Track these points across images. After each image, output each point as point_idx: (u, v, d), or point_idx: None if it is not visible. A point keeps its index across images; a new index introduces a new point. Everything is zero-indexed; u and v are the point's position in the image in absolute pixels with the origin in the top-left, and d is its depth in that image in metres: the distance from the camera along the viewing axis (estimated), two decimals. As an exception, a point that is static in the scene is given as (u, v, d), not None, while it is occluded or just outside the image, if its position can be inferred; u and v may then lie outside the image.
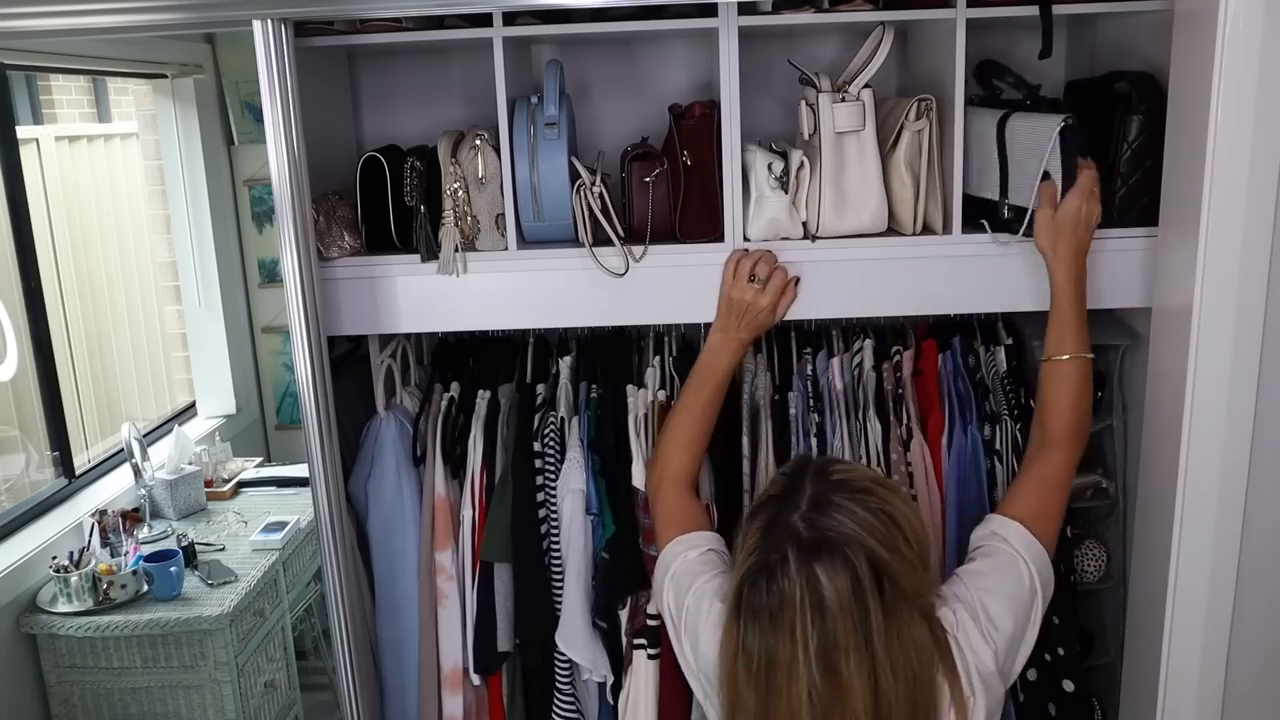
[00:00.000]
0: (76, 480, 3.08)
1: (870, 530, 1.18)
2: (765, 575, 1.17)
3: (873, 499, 1.21)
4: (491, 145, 1.71)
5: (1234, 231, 1.46)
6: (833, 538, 1.17)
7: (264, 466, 3.44)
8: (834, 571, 1.15)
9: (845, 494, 1.21)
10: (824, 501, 1.20)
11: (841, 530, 1.17)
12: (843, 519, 1.18)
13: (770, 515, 1.22)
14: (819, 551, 1.16)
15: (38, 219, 3.12)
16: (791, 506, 1.21)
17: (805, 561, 1.16)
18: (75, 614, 2.53)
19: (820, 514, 1.19)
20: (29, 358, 3.01)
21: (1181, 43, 1.52)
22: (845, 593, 1.15)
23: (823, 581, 1.15)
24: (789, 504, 1.21)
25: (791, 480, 1.25)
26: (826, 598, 1.15)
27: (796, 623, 1.15)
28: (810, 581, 1.15)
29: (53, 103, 4.79)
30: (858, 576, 1.15)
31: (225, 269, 3.75)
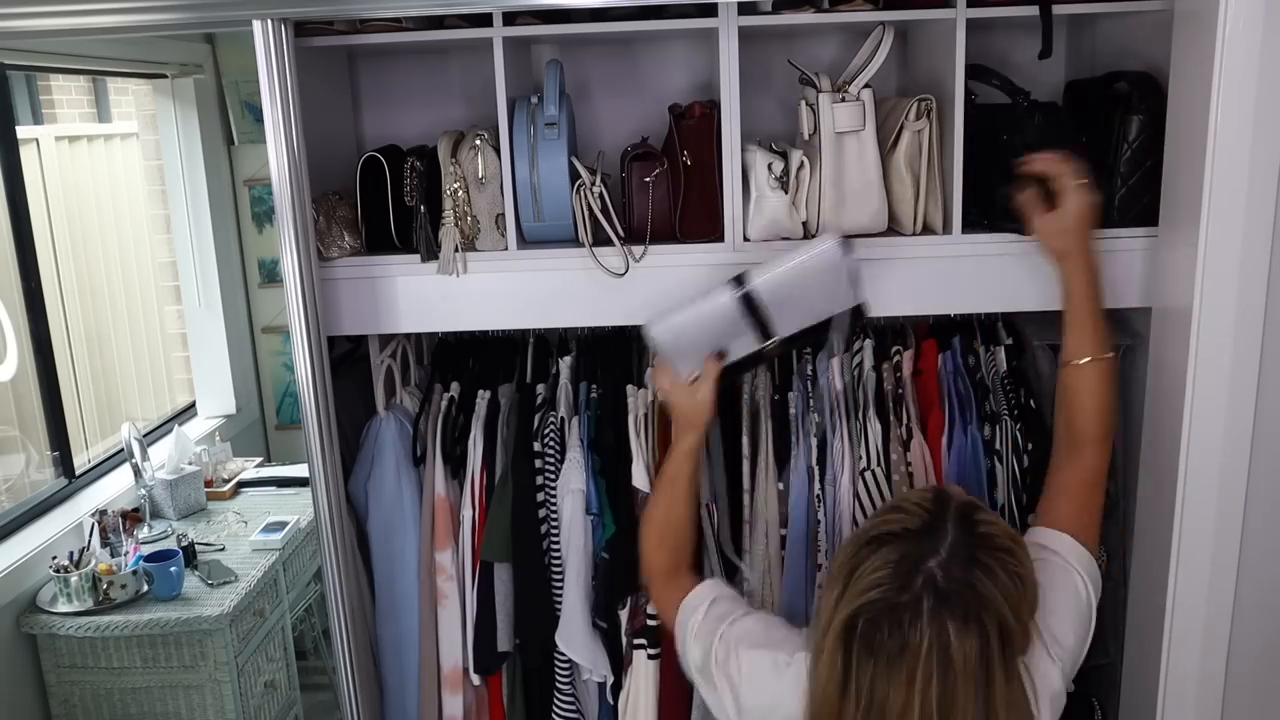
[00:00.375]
0: (76, 480, 3.08)
1: (1007, 596, 1.12)
2: (890, 615, 1.10)
3: (1012, 561, 1.14)
4: (491, 145, 1.71)
5: (1234, 231, 1.46)
6: (972, 596, 1.10)
7: (264, 466, 3.44)
8: (966, 633, 1.09)
9: (989, 552, 1.13)
10: (969, 556, 1.12)
11: (982, 591, 1.10)
12: (984, 579, 1.11)
13: (904, 551, 1.13)
14: (955, 606, 1.09)
15: (38, 219, 3.12)
16: (931, 549, 1.12)
17: (938, 614, 1.09)
18: (75, 614, 2.53)
19: (963, 568, 1.11)
20: (29, 358, 3.00)
21: (1181, 43, 1.52)
22: (973, 656, 1.09)
23: (953, 640, 1.08)
24: (928, 545, 1.13)
25: (933, 518, 1.16)
26: (954, 657, 1.08)
27: (919, 674, 1.08)
28: (940, 636, 1.08)
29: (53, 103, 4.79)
30: (988, 642, 1.09)
31: (225, 269, 3.75)
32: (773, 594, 1.82)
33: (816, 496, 1.78)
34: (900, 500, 1.21)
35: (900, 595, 1.10)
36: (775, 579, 1.81)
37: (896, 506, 1.19)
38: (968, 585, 1.10)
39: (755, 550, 1.81)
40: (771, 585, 1.82)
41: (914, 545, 1.13)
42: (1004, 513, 1.79)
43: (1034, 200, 1.53)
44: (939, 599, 1.09)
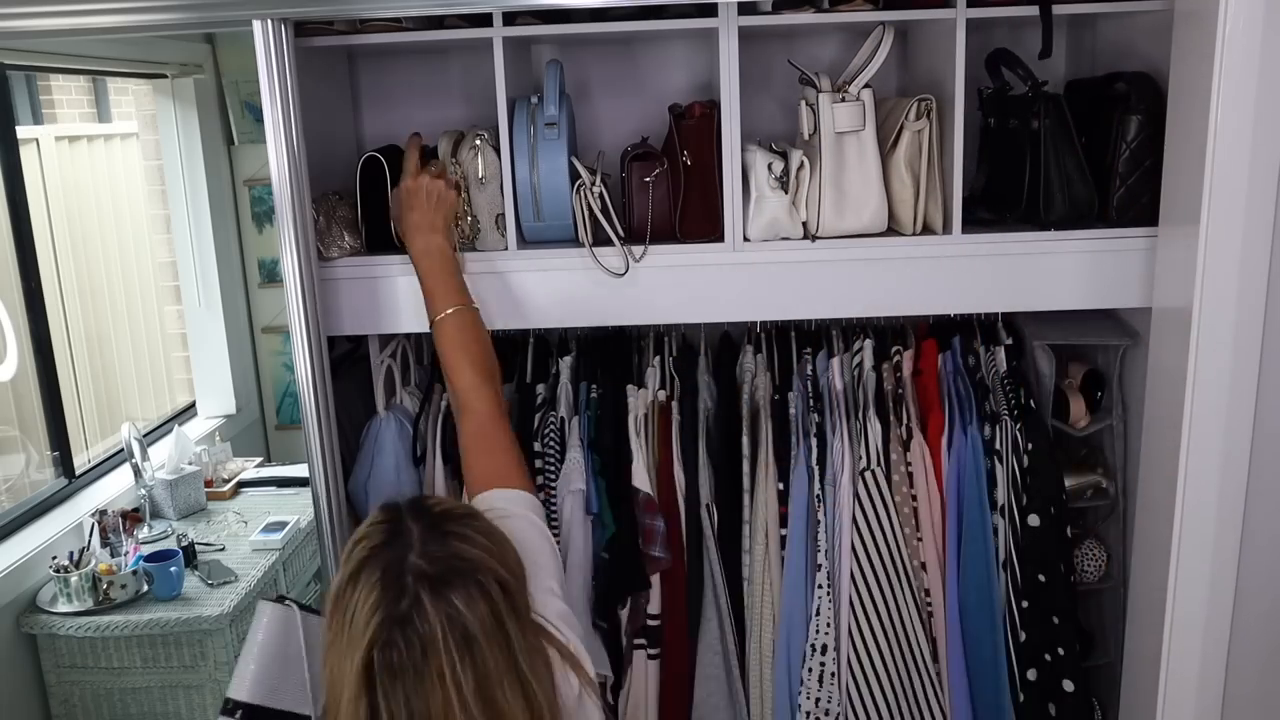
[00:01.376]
0: (76, 480, 3.08)
1: (490, 552, 1.11)
2: (400, 627, 1.04)
3: (478, 521, 1.14)
4: (491, 145, 1.70)
5: (1234, 231, 1.46)
6: (460, 565, 1.08)
7: (264, 466, 3.44)
8: (471, 599, 1.06)
9: (454, 521, 1.12)
10: (438, 532, 1.10)
11: (467, 555, 1.09)
12: (463, 545, 1.09)
13: (383, 565, 1.08)
14: (451, 581, 1.06)
15: (38, 219, 3.12)
16: (404, 548, 1.09)
17: (441, 596, 1.05)
18: (75, 614, 2.53)
19: (439, 546, 1.09)
20: (29, 358, 3.00)
21: (1181, 42, 1.52)
22: (488, 617, 1.06)
23: (464, 611, 1.05)
24: (400, 547, 1.09)
25: (390, 525, 1.13)
26: (470, 628, 1.05)
27: (445, 666, 1.04)
28: (451, 615, 1.04)
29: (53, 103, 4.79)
30: (492, 598, 1.07)
31: (225, 269, 3.74)
32: (773, 594, 1.82)
33: (816, 496, 1.78)
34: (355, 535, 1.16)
35: (400, 603, 1.05)
36: (775, 579, 1.81)
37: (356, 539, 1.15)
38: (453, 557, 1.09)
39: (755, 550, 1.81)
40: (771, 585, 1.82)
41: (389, 554, 1.09)
42: (1004, 512, 1.79)
43: None
44: (435, 584, 1.06)
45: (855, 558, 1.77)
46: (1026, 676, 1.80)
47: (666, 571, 1.81)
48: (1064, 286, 1.70)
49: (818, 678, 1.80)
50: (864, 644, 1.79)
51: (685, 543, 1.81)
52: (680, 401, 1.87)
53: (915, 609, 1.78)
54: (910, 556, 1.78)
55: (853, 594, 1.78)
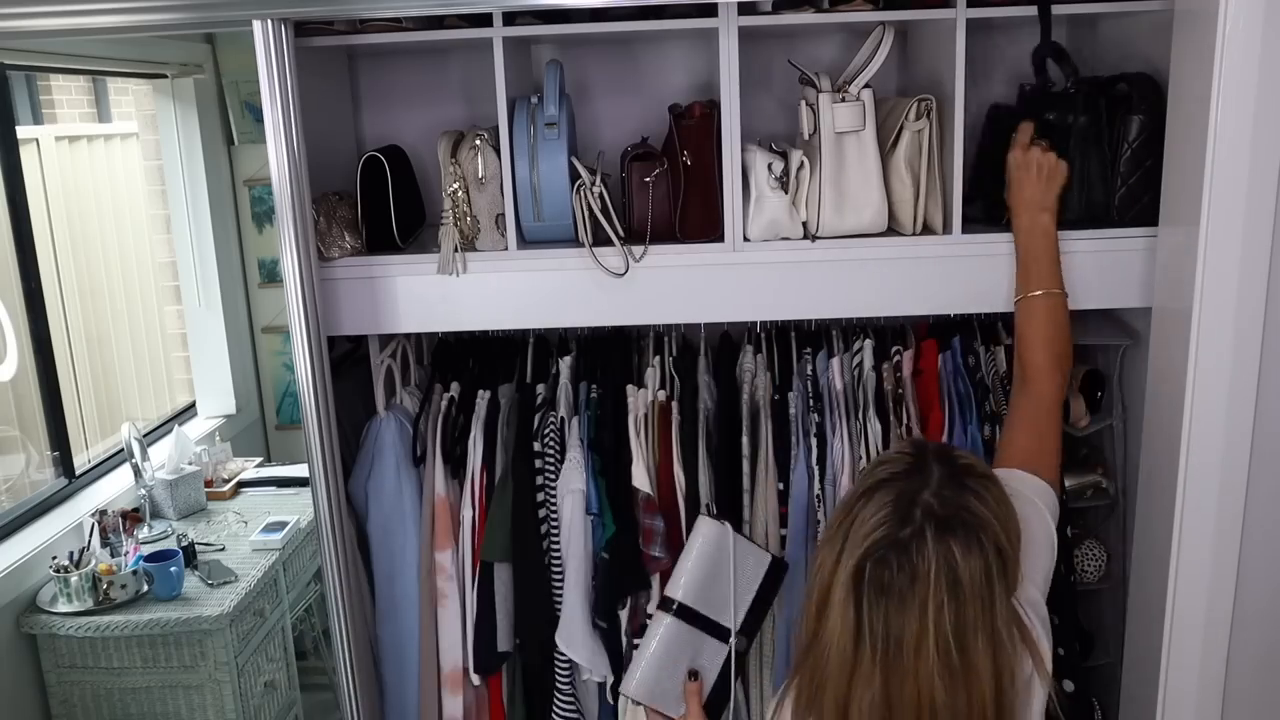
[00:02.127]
0: (76, 480, 3.08)
1: (998, 517, 1.15)
2: (897, 549, 1.12)
3: (995, 486, 1.19)
4: (491, 145, 1.70)
5: (1234, 231, 1.46)
6: (969, 518, 1.13)
7: (264, 466, 3.44)
8: (969, 553, 1.12)
9: (974, 478, 1.18)
10: (958, 481, 1.16)
11: (977, 511, 1.14)
12: (976, 502, 1.15)
13: (898, 491, 1.15)
14: (955, 529, 1.12)
15: (38, 219, 3.12)
16: (921, 484, 1.16)
17: (942, 538, 1.11)
18: (75, 614, 2.53)
19: (956, 492, 1.15)
20: (29, 358, 3.00)
21: (1182, 42, 1.52)
22: (978, 575, 1.12)
23: (959, 561, 1.11)
24: (918, 481, 1.16)
25: (915, 459, 1.20)
26: (961, 576, 1.11)
27: (929, 600, 1.11)
28: (948, 558, 1.11)
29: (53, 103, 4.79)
30: (989, 562, 1.12)
31: (225, 269, 3.74)
32: (773, 594, 1.82)
33: (816, 496, 1.78)
34: (880, 457, 1.26)
35: (903, 528, 1.12)
36: (775, 579, 1.81)
37: (879, 461, 1.23)
38: (963, 508, 1.14)
39: (755, 550, 1.81)
40: (771, 585, 1.81)
41: (905, 484, 1.16)
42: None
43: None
44: (940, 524, 1.12)
45: (855, 558, 1.77)
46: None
47: (666, 571, 1.81)
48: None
49: (818, 678, 1.80)
50: (864, 644, 1.79)
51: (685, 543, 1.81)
52: (680, 401, 1.87)
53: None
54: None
55: (853, 594, 1.78)
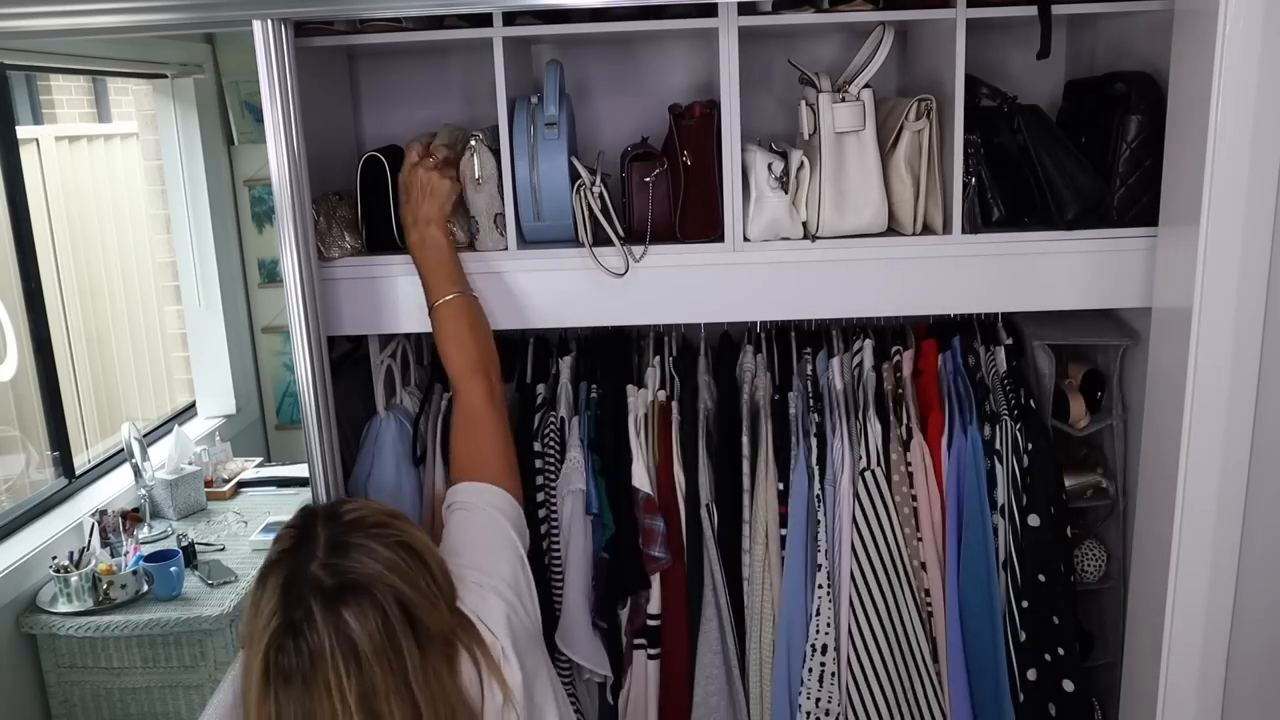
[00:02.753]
0: (76, 480, 3.08)
1: (392, 567, 1.12)
2: (292, 635, 1.08)
3: (391, 532, 1.16)
4: (488, 146, 1.70)
5: (1234, 231, 1.46)
6: (356, 580, 1.10)
7: (264, 466, 3.44)
8: (363, 615, 1.09)
9: (361, 533, 1.14)
10: (341, 544, 1.13)
11: (365, 571, 1.11)
12: (363, 559, 1.12)
13: (287, 571, 1.12)
14: (344, 596, 1.09)
15: (38, 219, 3.12)
16: (308, 556, 1.12)
17: (332, 609, 1.08)
18: (75, 614, 2.53)
19: (340, 557, 1.12)
20: (29, 358, 3.00)
21: (1181, 42, 1.52)
22: (378, 635, 1.09)
23: (353, 627, 1.08)
24: (305, 555, 1.13)
25: (301, 530, 1.16)
26: (359, 644, 1.08)
27: (330, 677, 1.07)
28: (341, 630, 1.08)
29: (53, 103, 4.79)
30: (388, 617, 1.10)
31: (225, 269, 3.74)
32: (772, 594, 1.82)
33: (816, 496, 1.78)
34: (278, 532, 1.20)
35: (295, 611, 1.09)
36: (775, 579, 1.81)
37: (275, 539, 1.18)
38: (349, 572, 1.11)
39: (755, 550, 1.81)
40: (771, 585, 1.82)
41: (292, 562, 1.13)
42: (1004, 512, 1.79)
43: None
44: (328, 597, 1.09)
45: (855, 558, 1.77)
46: (1026, 676, 1.80)
47: (666, 571, 1.81)
48: (1064, 286, 1.70)
49: (818, 678, 1.80)
50: (864, 644, 1.79)
51: (685, 543, 1.81)
52: (680, 401, 1.87)
53: (915, 609, 1.78)
54: (910, 556, 1.78)
55: (853, 594, 1.78)
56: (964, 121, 1.65)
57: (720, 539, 1.80)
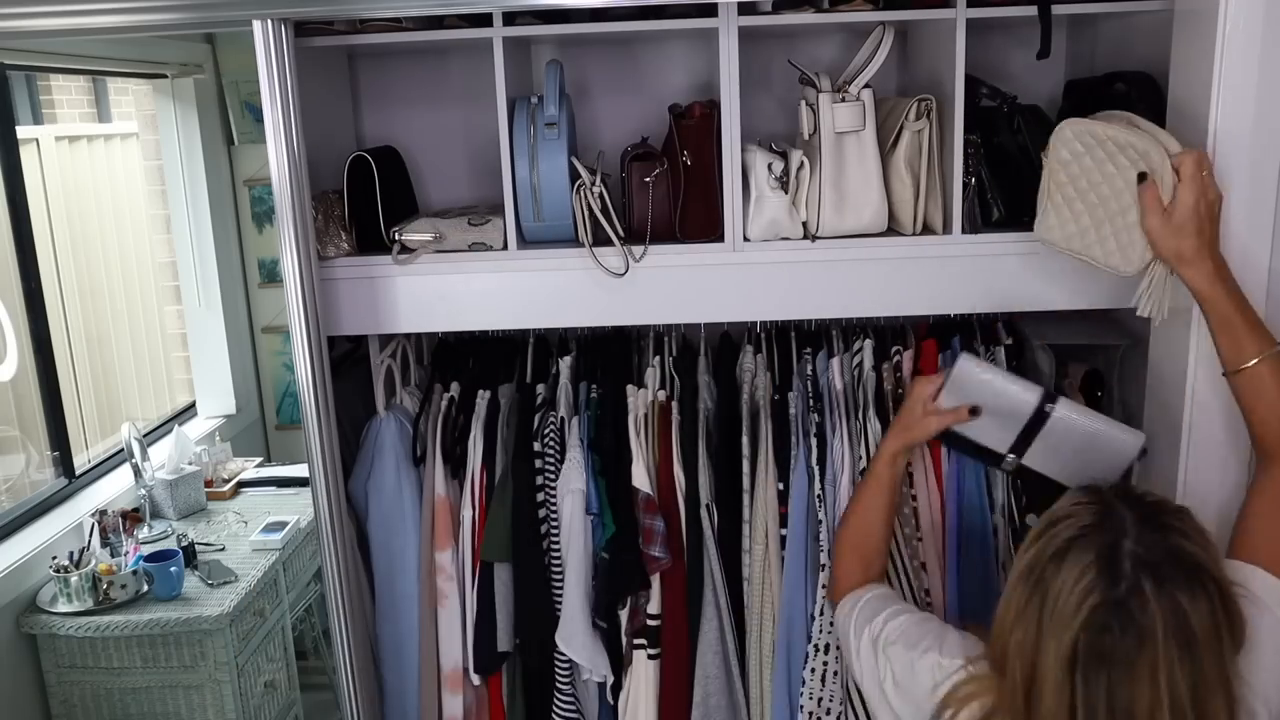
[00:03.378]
0: (76, 480, 3.08)
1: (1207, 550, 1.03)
2: (1117, 612, 0.99)
3: (1193, 520, 1.06)
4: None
5: (1233, 231, 1.46)
6: (1184, 559, 1.00)
7: (264, 466, 3.44)
8: (1195, 598, 0.99)
9: (1170, 515, 1.05)
10: (1156, 524, 1.03)
11: (1190, 552, 1.01)
12: (1183, 541, 1.02)
13: (1096, 545, 1.02)
14: (1174, 576, 0.99)
15: (38, 219, 3.12)
16: (1118, 532, 1.03)
17: (1163, 588, 0.98)
18: (75, 614, 2.53)
19: (1159, 535, 1.02)
20: (29, 358, 3.00)
21: (1181, 42, 1.52)
22: (1207, 623, 0.98)
23: (1186, 609, 0.98)
24: (1113, 531, 1.03)
25: (1102, 507, 1.07)
26: (1194, 628, 0.98)
27: (1160, 663, 0.97)
28: (1176, 611, 0.98)
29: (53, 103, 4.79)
30: (1214, 605, 1.00)
31: (225, 269, 3.75)
32: (772, 594, 1.82)
33: (817, 497, 1.78)
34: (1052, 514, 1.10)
35: (1117, 587, 1.00)
36: (775, 579, 1.81)
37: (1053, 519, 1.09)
38: (1172, 551, 1.01)
39: (755, 550, 1.81)
40: (771, 585, 1.82)
41: (1100, 537, 1.04)
42: (1004, 512, 1.79)
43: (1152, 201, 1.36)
44: (1157, 574, 1.00)
45: (855, 558, 1.77)
46: (1026, 676, 1.79)
47: (666, 571, 1.81)
48: (1064, 287, 1.70)
49: (820, 677, 1.80)
50: (864, 644, 1.79)
51: (685, 543, 1.81)
52: (680, 402, 1.87)
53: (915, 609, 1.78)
54: (910, 556, 1.78)
55: (853, 594, 1.78)
56: (964, 121, 1.65)
57: (720, 539, 1.80)
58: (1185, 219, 1.34)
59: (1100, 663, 0.99)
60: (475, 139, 2.06)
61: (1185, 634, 0.98)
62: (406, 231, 1.72)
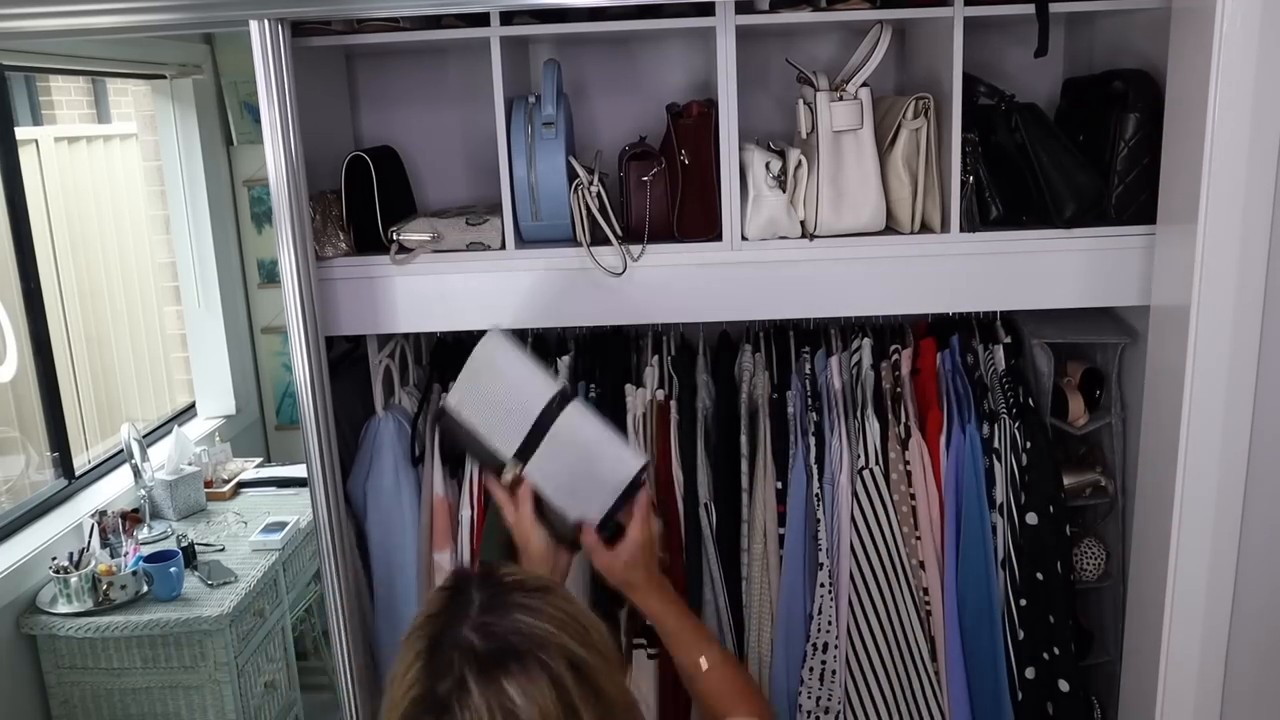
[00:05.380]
0: (76, 481, 3.08)
1: (563, 627, 0.94)
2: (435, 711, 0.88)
3: (555, 598, 0.98)
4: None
5: (1232, 229, 1.46)
6: (521, 642, 0.91)
7: (264, 467, 3.44)
8: (531, 682, 0.89)
9: (525, 594, 0.97)
10: (503, 604, 0.95)
11: (529, 631, 0.92)
12: (529, 619, 0.93)
13: (430, 634, 0.93)
14: (505, 662, 0.89)
15: (37, 220, 3.12)
16: (459, 618, 0.94)
17: (491, 680, 0.88)
18: (75, 615, 2.54)
19: (498, 617, 0.93)
20: (29, 358, 3.01)
21: (1179, 40, 1.52)
22: (551, 707, 0.89)
23: (517, 702, 0.88)
24: (455, 617, 0.94)
25: (453, 592, 0.98)
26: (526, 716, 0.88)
27: None
28: (503, 703, 0.88)
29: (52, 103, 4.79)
30: (562, 683, 0.90)
31: (225, 269, 3.75)
32: (770, 592, 1.82)
33: (815, 495, 1.78)
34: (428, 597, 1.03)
35: (440, 683, 0.90)
36: (773, 578, 1.81)
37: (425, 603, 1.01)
38: (513, 633, 0.93)
39: (753, 549, 1.81)
40: (769, 584, 1.82)
41: (439, 624, 0.94)
42: (1003, 510, 1.79)
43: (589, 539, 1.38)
44: (484, 665, 0.90)
45: (854, 557, 1.77)
46: (1025, 675, 1.80)
47: (665, 570, 1.81)
48: (1062, 285, 1.70)
49: (819, 676, 1.80)
50: (862, 643, 1.79)
51: (684, 542, 1.81)
52: (679, 401, 1.87)
53: (914, 608, 1.78)
54: (909, 555, 1.78)
55: (851, 593, 1.78)
56: (962, 120, 1.65)
57: (719, 538, 1.80)
58: (634, 555, 1.36)
59: None
60: (473, 139, 2.06)
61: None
62: (404, 231, 1.72)
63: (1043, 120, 1.72)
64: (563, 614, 0.96)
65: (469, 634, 0.92)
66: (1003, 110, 1.71)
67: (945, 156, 1.68)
